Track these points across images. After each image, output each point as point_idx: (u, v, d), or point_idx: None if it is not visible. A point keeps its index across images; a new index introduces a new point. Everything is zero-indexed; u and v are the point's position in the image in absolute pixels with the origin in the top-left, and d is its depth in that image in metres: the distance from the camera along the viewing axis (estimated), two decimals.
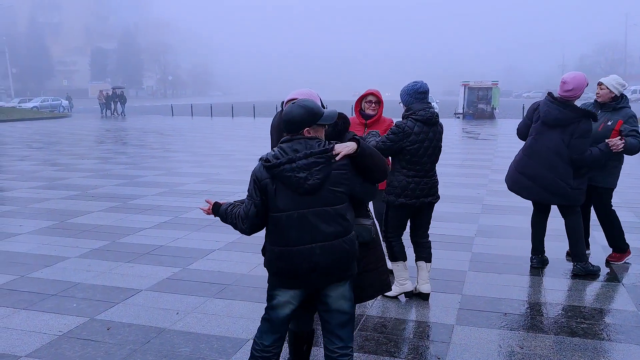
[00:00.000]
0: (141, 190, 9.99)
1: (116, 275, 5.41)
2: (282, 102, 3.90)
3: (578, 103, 5.22)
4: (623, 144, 5.02)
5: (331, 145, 2.79)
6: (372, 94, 5.00)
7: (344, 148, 2.78)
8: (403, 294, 4.77)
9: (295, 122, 2.81)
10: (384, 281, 3.32)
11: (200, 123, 31.48)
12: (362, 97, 5.07)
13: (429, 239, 4.83)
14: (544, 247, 5.66)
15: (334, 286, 2.88)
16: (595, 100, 5.48)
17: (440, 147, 4.60)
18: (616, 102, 5.32)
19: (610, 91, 5.30)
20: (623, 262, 5.63)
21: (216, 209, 3.16)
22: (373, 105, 4.98)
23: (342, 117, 3.20)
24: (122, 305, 4.68)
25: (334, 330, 2.93)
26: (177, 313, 4.50)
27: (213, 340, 4.02)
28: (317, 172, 2.72)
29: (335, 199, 2.79)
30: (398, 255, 4.70)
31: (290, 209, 2.78)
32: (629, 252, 5.69)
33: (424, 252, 4.75)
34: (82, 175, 11.84)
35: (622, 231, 5.62)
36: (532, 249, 5.64)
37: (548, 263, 5.65)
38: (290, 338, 3.36)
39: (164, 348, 3.90)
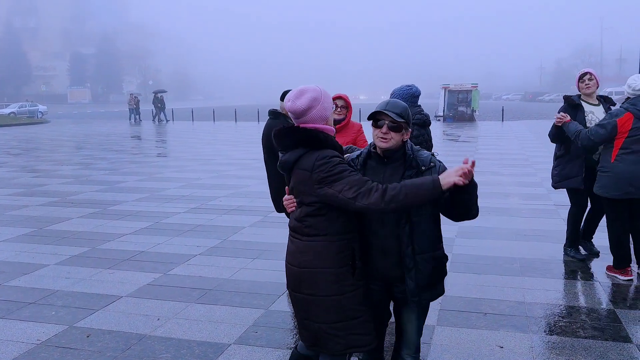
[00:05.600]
0: (121, 196, 9.90)
1: (96, 282, 5.36)
2: (269, 111, 3.82)
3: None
4: (560, 120, 5.31)
5: None
6: (339, 97, 4.64)
7: None
8: None
9: None
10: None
11: (182, 127, 31.30)
12: None
13: None
14: (591, 235, 5.96)
15: None
16: None
17: (432, 146, 4.68)
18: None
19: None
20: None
21: None
22: (339, 109, 4.64)
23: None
24: (102, 312, 4.64)
25: None
26: (158, 319, 4.47)
27: (194, 346, 4.00)
28: None
29: None
30: None
31: None
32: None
33: None
34: (61, 181, 11.70)
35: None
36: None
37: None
38: None
39: (144, 354, 3.87)
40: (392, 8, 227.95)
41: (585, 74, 5.54)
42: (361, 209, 2.51)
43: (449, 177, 2.50)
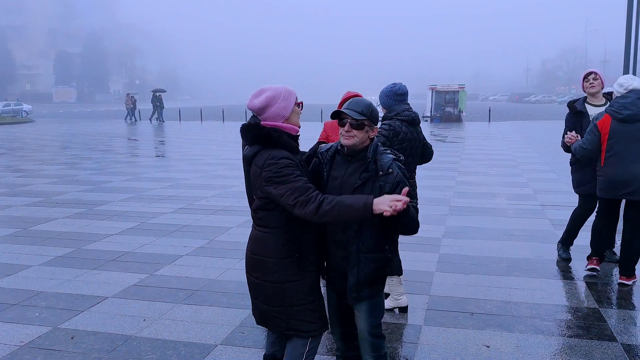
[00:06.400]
0: (107, 196, 9.81)
1: (81, 283, 5.30)
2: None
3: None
4: (570, 140, 5.22)
5: None
6: (355, 96, 4.36)
7: None
8: (397, 308, 4.61)
9: None
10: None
11: (169, 127, 31.11)
12: (344, 101, 4.57)
13: None
14: (613, 242, 5.83)
15: None
16: None
17: (421, 146, 4.54)
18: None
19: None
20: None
21: None
22: None
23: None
24: (87, 313, 4.59)
25: None
26: (144, 320, 4.44)
27: (181, 347, 3.97)
28: None
29: None
30: (394, 268, 4.48)
31: None
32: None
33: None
34: (46, 181, 11.57)
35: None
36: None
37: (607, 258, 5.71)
38: None
39: (130, 356, 3.84)
40: (382, 11, 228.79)
41: (590, 73, 5.51)
42: (298, 216, 2.64)
43: (381, 205, 2.56)
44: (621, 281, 5.12)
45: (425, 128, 27.90)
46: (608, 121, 4.91)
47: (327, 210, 2.58)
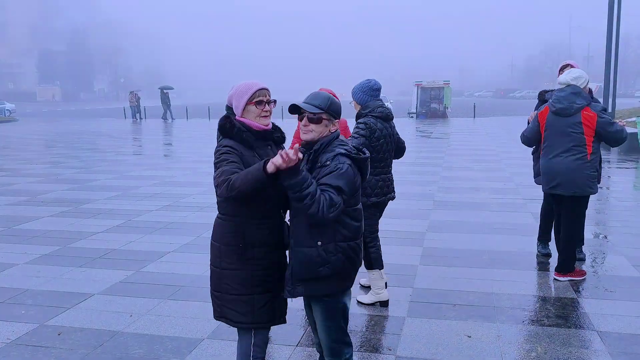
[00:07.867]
0: (93, 194, 9.79)
1: (67, 280, 5.32)
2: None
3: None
4: (531, 118, 5.42)
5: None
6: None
7: None
8: (378, 302, 4.66)
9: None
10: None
11: (154, 125, 30.96)
12: None
13: None
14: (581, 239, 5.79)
15: None
16: None
17: (395, 141, 4.60)
18: None
19: None
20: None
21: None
22: None
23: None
24: (73, 310, 4.61)
25: None
26: (131, 315, 4.47)
27: (167, 341, 4.01)
28: None
29: None
30: (375, 262, 4.55)
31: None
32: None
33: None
34: (31, 180, 11.50)
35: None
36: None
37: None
38: None
39: (117, 351, 3.88)
40: (365, 8, 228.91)
41: (566, 65, 5.55)
42: (220, 196, 2.79)
43: (273, 160, 2.48)
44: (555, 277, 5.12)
45: (411, 124, 28.05)
46: (546, 113, 5.02)
47: (232, 182, 2.59)
